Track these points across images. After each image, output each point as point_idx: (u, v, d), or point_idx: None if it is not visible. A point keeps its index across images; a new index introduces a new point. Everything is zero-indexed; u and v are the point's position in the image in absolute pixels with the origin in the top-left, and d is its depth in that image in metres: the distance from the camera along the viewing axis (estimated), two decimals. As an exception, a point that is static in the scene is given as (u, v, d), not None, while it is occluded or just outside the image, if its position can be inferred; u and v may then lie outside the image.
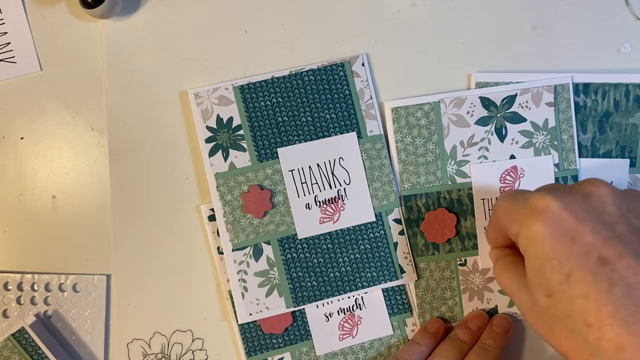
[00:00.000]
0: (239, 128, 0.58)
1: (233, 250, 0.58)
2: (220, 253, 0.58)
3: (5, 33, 0.59)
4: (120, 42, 0.60)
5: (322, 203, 0.58)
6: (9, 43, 0.59)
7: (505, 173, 0.58)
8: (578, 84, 0.59)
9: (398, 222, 0.59)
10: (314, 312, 0.58)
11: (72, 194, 0.59)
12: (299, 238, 0.58)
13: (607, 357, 0.39)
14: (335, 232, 0.58)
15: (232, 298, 0.58)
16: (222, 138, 0.58)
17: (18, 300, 0.58)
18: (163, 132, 0.59)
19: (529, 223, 0.43)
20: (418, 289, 0.59)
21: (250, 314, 0.58)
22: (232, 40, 0.60)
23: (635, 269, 0.40)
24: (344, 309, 0.59)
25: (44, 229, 0.59)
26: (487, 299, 0.59)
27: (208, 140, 0.58)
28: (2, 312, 0.58)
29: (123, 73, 0.59)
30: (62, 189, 0.59)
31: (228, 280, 0.58)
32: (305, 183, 0.58)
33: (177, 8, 0.60)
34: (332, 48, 0.60)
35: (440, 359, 0.55)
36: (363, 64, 0.59)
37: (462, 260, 0.59)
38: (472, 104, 0.58)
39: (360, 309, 0.59)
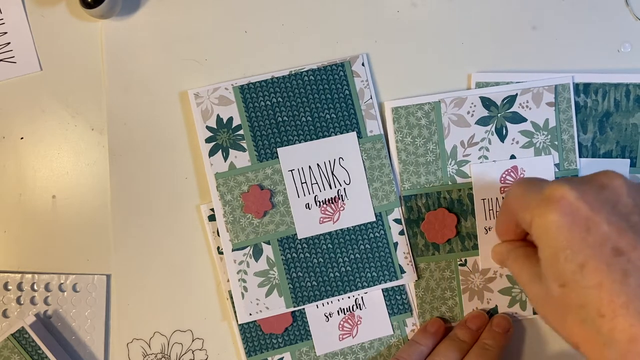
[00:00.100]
0: (239, 128, 0.58)
1: (233, 250, 0.58)
2: (220, 253, 0.58)
3: (5, 33, 0.59)
4: (120, 42, 0.60)
5: (322, 203, 0.58)
6: (9, 43, 0.60)
7: (506, 173, 0.58)
8: (578, 84, 0.59)
9: (398, 222, 0.59)
10: (314, 312, 0.58)
11: (72, 194, 0.59)
12: (299, 238, 0.58)
13: (619, 347, 0.39)
14: (335, 232, 0.58)
15: (232, 298, 0.58)
16: (222, 138, 0.58)
17: (18, 300, 0.58)
18: (163, 132, 0.59)
19: (544, 212, 0.43)
20: (418, 289, 0.59)
21: (250, 314, 0.57)
22: (232, 40, 0.60)
23: None
24: (344, 309, 0.59)
25: (44, 229, 0.59)
26: (487, 299, 0.59)
27: (208, 140, 0.58)
28: (2, 312, 0.58)
29: (123, 73, 0.59)
30: (62, 189, 0.59)
31: (228, 280, 0.58)
32: (305, 183, 0.58)
33: (177, 8, 0.60)
34: (332, 48, 0.60)
35: (440, 358, 0.55)
36: (363, 64, 0.59)
37: (462, 261, 0.59)
38: (472, 104, 0.58)
39: (360, 309, 0.59)
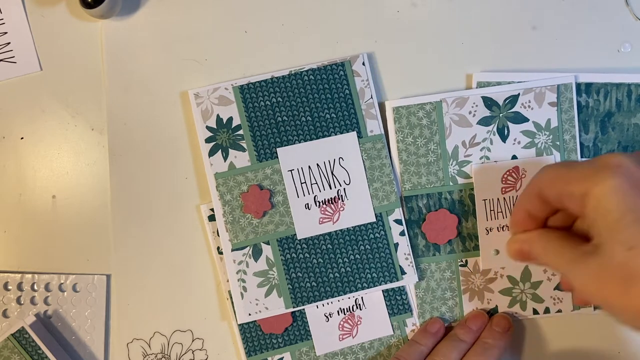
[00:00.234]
0: (239, 128, 0.58)
1: (232, 250, 0.58)
2: (220, 253, 0.58)
3: (5, 33, 0.60)
4: (120, 42, 0.60)
5: (321, 203, 0.58)
6: (9, 43, 0.60)
7: (507, 174, 0.58)
8: (580, 84, 0.58)
9: (399, 222, 0.58)
10: (314, 312, 0.58)
11: (72, 194, 0.59)
12: (299, 238, 0.58)
13: None
14: (335, 232, 0.58)
15: (232, 298, 0.58)
16: (221, 138, 0.58)
17: (18, 300, 0.58)
18: (163, 132, 0.59)
19: (603, 179, 0.43)
20: (418, 289, 0.59)
21: (250, 314, 0.57)
22: (232, 40, 0.60)
23: None
24: (344, 309, 0.58)
25: (44, 229, 0.59)
26: (487, 300, 0.58)
27: (208, 140, 0.58)
28: (2, 312, 0.58)
29: (123, 73, 0.59)
30: (62, 189, 0.59)
31: (228, 280, 0.58)
32: (305, 183, 0.58)
33: (177, 8, 0.60)
34: (332, 48, 0.59)
35: (440, 358, 0.55)
36: (363, 64, 0.59)
37: (462, 261, 0.59)
38: (474, 104, 0.58)
39: (360, 309, 0.59)
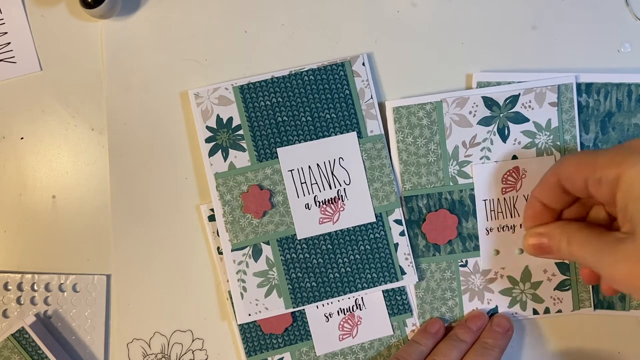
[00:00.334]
0: (239, 128, 0.58)
1: (232, 250, 0.58)
2: (220, 253, 0.58)
3: (5, 33, 0.60)
4: (120, 42, 0.60)
5: (321, 203, 0.58)
6: (9, 43, 0.60)
7: (507, 174, 0.58)
8: (580, 84, 0.58)
9: (399, 222, 0.58)
10: (314, 312, 0.58)
11: (72, 194, 0.59)
12: (299, 238, 0.58)
13: None
14: (335, 232, 0.58)
15: (232, 298, 0.58)
16: (221, 138, 0.58)
17: (18, 300, 0.58)
18: (163, 132, 0.59)
19: (637, 162, 0.44)
20: (418, 290, 0.59)
21: (250, 315, 0.57)
22: (232, 40, 0.60)
23: None
24: (344, 309, 0.58)
25: (44, 229, 0.59)
26: (487, 300, 0.58)
27: (208, 140, 0.58)
28: (2, 312, 0.58)
29: (123, 73, 0.59)
30: (62, 189, 0.59)
31: (228, 281, 0.58)
32: (305, 183, 0.58)
33: (177, 8, 0.60)
34: (332, 48, 0.59)
35: (440, 358, 0.55)
36: (363, 64, 0.59)
37: (463, 261, 0.59)
38: (474, 104, 0.58)
39: (360, 309, 0.59)
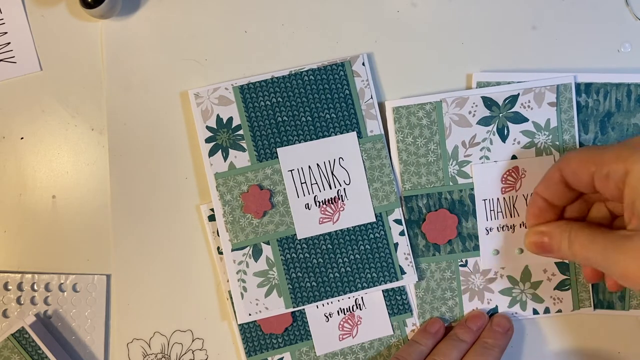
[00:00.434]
0: (239, 128, 0.58)
1: (232, 250, 0.58)
2: (220, 253, 0.58)
3: (5, 33, 0.60)
4: (120, 42, 0.60)
5: (321, 203, 0.58)
6: (9, 43, 0.60)
7: (507, 174, 0.58)
8: (580, 84, 0.58)
9: (399, 222, 0.58)
10: (314, 312, 0.58)
11: (72, 194, 0.59)
12: (299, 238, 0.58)
13: None
14: (335, 232, 0.58)
15: (232, 298, 0.58)
16: (222, 138, 0.58)
17: (18, 300, 0.58)
18: (163, 132, 0.59)
19: None
20: (418, 290, 0.59)
21: (250, 314, 0.57)
22: (232, 40, 0.60)
23: None
24: (344, 309, 0.58)
25: (44, 229, 0.59)
26: (487, 300, 0.58)
27: (208, 140, 0.58)
28: (2, 312, 0.58)
29: (123, 73, 0.59)
30: (62, 189, 0.59)
31: (228, 281, 0.58)
32: (305, 183, 0.58)
33: (177, 8, 0.60)
34: (332, 48, 0.59)
35: (440, 357, 0.55)
36: (363, 64, 0.59)
37: (463, 261, 0.59)
38: (474, 104, 0.58)
39: (360, 309, 0.59)
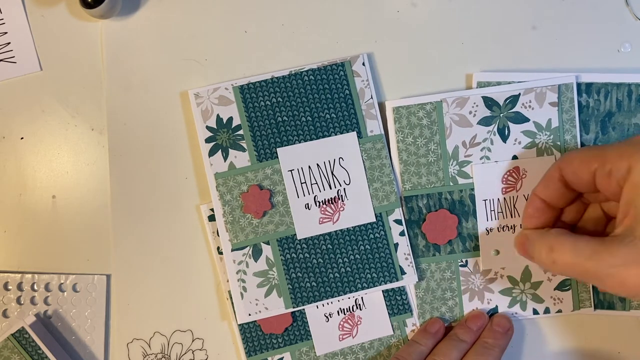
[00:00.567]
0: (239, 128, 0.58)
1: (232, 250, 0.58)
2: (220, 253, 0.58)
3: (5, 33, 0.60)
4: (120, 42, 0.60)
5: (321, 203, 0.58)
6: (9, 43, 0.60)
7: (508, 174, 0.58)
8: (580, 84, 0.58)
9: (399, 222, 0.58)
10: (314, 312, 0.58)
11: (72, 194, 0.59)
12: (299, 238, 0.58)
13: None
14: (335, 232, 0.58)
15: (232, 298, 0.58)
16: (221, 138, 0.58)
17: (18, 300, 0.58)
18: (163, 132, 0.59)
19: None
20: (418, 290, 0.59)
21: (250, 314, 0.57)
22: (232, 40, 0.60)
23: None
24: (344, 309, 0.58)
25: (44, 229, 0.59)
26: (487, 300, 0.58)
27: (208, 140, 0.58)
28: (2, 312, 0.58)
29: (123, 73, 0.59)
30: (62, 189, 0.59)
31: (228, 280, 0.58)
32: (305, 183, 0.58)
33: (177, 8, 0.60)
34: (332, 48, 0.59)
35: (440, 357, 0.55)
36: (363, 64, 0.59)
37: (463, 261, 0.59)
38: (474, 104, 0.58)
39: (360, 309, 0.58)
